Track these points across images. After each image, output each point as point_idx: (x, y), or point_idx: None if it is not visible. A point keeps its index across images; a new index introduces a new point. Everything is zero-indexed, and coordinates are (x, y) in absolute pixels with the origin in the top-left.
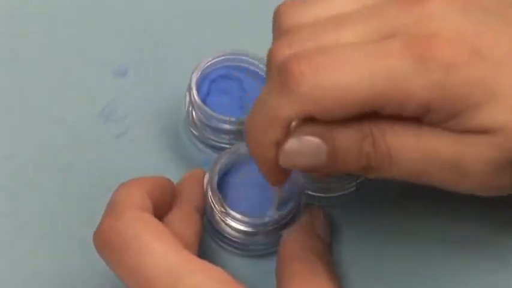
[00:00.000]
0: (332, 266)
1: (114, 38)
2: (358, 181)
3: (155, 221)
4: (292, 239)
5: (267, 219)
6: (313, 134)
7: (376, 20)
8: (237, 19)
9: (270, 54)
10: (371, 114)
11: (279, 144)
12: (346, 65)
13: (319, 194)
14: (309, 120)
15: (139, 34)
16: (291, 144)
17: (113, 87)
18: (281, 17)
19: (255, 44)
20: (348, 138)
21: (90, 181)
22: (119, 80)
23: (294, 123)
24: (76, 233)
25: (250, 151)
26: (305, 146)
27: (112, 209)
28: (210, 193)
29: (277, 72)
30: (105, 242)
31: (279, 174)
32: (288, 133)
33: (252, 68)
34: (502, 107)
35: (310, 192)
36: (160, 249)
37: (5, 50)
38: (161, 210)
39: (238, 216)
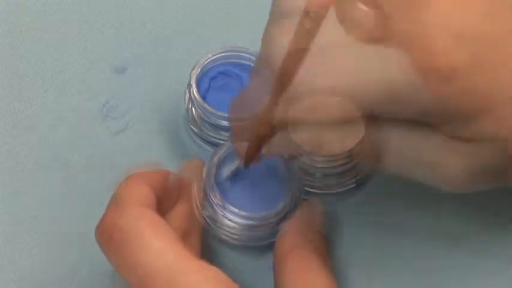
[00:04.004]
0: (329, 261)
1: (113, 34)
2: (357, 178)
3: (158, 219)
4: (289, 234)
5: (263, 213)
6: (301, 133)
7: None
8: (237, 16)
9: (263, 43)
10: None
11: (264, 137)
12: (342, 69)
13: (318, 191)
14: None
15: (138, 31)
16: (277, 139)
17: (112, 84)
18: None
19: (254, 40)
20: (333, 136)
21: (90, 178)
22: (119, 76)
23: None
24: (75, 229)
25: (231, 137)
26: (290, 142)
27: (116, 204)
28: (208, 186)
29: (270, 68)
30: (107, 237)
31: (255, 157)
32: (275, 129)
33: (252, 64)
34: (494, 118)
35: (308, 189)
36: (160, 247)
37: (4, 47)
38: (165, 204)
39: (235, 210)
